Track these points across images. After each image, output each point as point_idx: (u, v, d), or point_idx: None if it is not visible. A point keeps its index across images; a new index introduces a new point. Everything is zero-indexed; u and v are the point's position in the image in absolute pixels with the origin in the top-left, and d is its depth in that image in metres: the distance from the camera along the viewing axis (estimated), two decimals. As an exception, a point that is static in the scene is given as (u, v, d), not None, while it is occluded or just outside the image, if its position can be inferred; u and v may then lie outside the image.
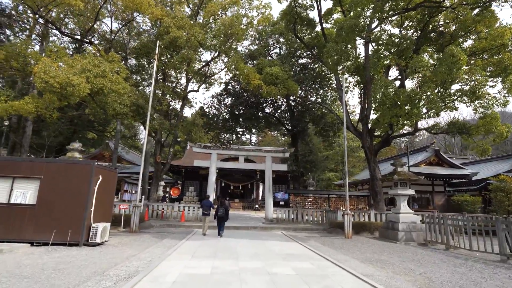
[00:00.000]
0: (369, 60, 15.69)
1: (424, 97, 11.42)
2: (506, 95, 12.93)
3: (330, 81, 22.15)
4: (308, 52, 20.67)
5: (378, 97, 11.83)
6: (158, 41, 13.41)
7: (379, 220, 15.84)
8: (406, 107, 11.92)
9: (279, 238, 12.12)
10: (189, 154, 39.12)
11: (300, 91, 20.24)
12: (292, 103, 22.98)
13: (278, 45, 23.33)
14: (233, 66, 15.96)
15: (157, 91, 15.89)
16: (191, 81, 19.52)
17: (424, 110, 13.28)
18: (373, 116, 17.29)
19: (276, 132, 59.92)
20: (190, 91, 18.75)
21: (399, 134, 17.80)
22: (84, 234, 8.73)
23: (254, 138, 60.20)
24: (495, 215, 15.69)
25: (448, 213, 17.60)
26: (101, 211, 9.59)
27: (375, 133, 18.28)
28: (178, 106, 20.04)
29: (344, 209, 17.58)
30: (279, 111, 23.75)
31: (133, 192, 19.00)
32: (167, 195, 33.69)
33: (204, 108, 22.84)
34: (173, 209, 16.83)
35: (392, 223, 13.20)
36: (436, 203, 22.33)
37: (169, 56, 16.25)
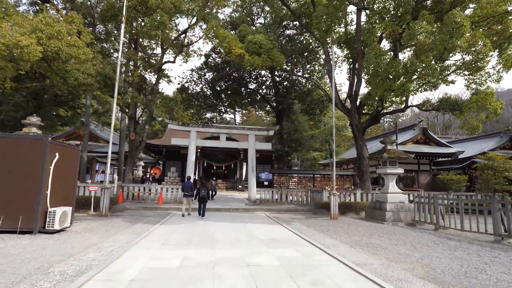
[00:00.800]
0: (361, 30, 14.59)
1: (419, 69, 10.56)
2: (501, 70, 12.33)
3: (318, 55, 20.96)
4: (296, 22, 19.28)
5: (371, 68, 10.88)
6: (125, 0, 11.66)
7: (365, 200, 15.48)
8: (401, 80, 11.09)
9: (262, 221, 11.40)
10: (170, 133, 37.47)
11: (285, 65, 19.01)
12: (278, 79, 21.76)
13: (263, 14, 21.69)
14: (212, 33, 14.41)
15: (128, 62, 14.22)
16: (167, 52, 17.80)
17: (416, 85, 12.53)
18: (363, 91, 16.49)
19: (261, 112, 58.67)
20: (165, 62, 17.07)
21: (388, 112, 17.18)
22: (39, 220, 7.55)
23: (238, 118, 58.81)
24: (481, 194, 15.72)
25: (434, 192, 17.52)
26: (60, 193, 8.39)
27: (364, 111, 17.57)
28: (153, 79, 18.38)
29: (329, 189, 17.24)
30: (263, 87, 22.50)
31: (109, 172, 17.61)
32: (149, 176, 32.43)
33: (183, 83, 21.26)
34: (150, 190, 15.73)
35: (380, 203, 12.76)
36: (422, 182, 22.38)
37: (140, 20, 14.44)
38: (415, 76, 11.18)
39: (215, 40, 15.09)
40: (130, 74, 14.30)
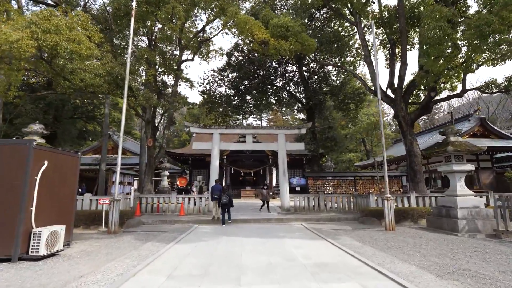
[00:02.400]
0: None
1: (498, 29, 7.92)
2: None
3: (349, 45, 18.54)
4: (323, 11, 17.19)
5: (430, 34, 8.44)
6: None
7: (421, 205, 12.71)
8: (468, 49, 8.52)
9: (301, 235, 9.21)
10: (195, 141, 36.64)
11: (315, 54, 16.90)
12: (306, 74, 19.61)
13: (286, 7, 19.81)
14: (231, 22, 12.74)
15: (141, 59, 12.94)
16: (185, 52, 16.48)
17: (489, 54, 9.79)
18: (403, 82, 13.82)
19: (287, 116, 56.42)
20: (184, 61, 15.72)
21: (441, 98, 14.29)
22: (21, 243, 6.06)
23: (264, 123, 57.11)
24: None
25: (502, 193, 14.24)
26: (50, 210, 6.91)
27: (410, 101, 14.86)
28: (172, 82, 17.09)
29: (377, 193, 14.51)
30: (291, 84, 20.45)
31: (127, 183, 16.49)
32: (175, 186, 31.45)
33: (204, 84, 19.85)
34: (170, 201, 14.17)
35: (447, 209, 10.05)
36: (483, 182, 18.80)
37: (153, 16, 13.11)
38: (489, 41, 8.52)
39: (235, 30, 13.43)
40: (143, 73, 13.04)
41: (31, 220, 6.28)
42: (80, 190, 20.45)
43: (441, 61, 9.02)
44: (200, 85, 19.74)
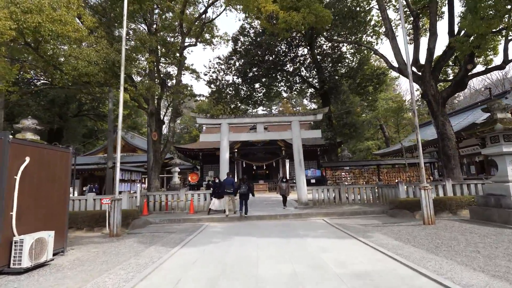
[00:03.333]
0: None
1: None
2: None
3: (366, 21, 16.87)
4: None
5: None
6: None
7: (458, 194, 11.27)
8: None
9: (325, 232, 8.02)
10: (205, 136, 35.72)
11: (328, 33, 15.40)
12: (319, 57, 18.12)
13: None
14: (235, -1, 11.46)
15: (139, 46, 11.84)
16: (189, 37, 15.32)
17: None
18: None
19: (298, 108, 54.62)
20: (187, 46, 14.59)
21: (479, 72, 12.57)
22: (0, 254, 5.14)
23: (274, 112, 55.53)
24: None
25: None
26: (36, 214, 5.98)
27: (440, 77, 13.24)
28: (175, 71, 16.00)
29: (405, 181, 12.99)
30: (302, 68, 19.00)
31: (133, 180, 15.66)
32: (187, 182, 30.75)
33: (210, 73, 18.69)
34: (179, 198, 13.22)
35: (497, 198, 8.62)
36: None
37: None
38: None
39: (239, 7, 12.13)
40: (144, 61, 11.96)
41: (11, 226, 5.34)
42: (93, 190, 19.95)
43: (488, 21, 7.51)
44: (205, 74, 18.61)
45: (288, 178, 12.34)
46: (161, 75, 15.76)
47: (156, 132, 12.99)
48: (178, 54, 13.91)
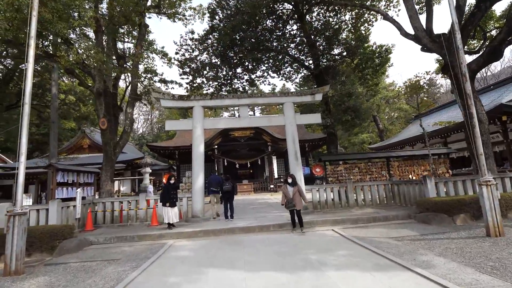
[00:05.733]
0: None
1: None
2: None
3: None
4: None
5: None
6: None
7: (501, 190, 8.78)
8: None
9: (350, 256, 5.12)
10: (182, 132, 32.19)
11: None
12: (311, 32, 15.31)
13: None
14: None
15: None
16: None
17: None
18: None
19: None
20: (150, 7, 11.29)
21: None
22: None
23: (258, 112, 52.63)
24: None
25: None
26: None
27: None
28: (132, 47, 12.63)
29: (421, 175, 10.14)
30: (291, 46, 16.15)
31: (85, 184, 12.05)
32: (162, 185, 27.30)
33: (182, 51, 15.38)
34: (138, 205, 9.94)
35: None
36: None
37: None
38: None
39: None
40: (81, 16, 8.59)
41: None
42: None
43: None
44: (176, 53, 15.31)
45: (292, 175, 8.05)
46: (118, 50, 12.42)
47: (105, 119, 9.64)
48: (137, 19, 10.58)
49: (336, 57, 15.58)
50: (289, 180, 7.74)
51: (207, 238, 7.62)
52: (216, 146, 23.39)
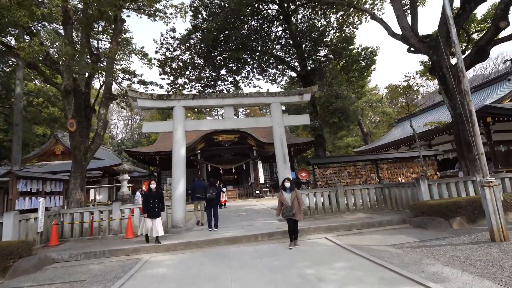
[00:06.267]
0: None
1: None
2: None
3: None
4: None
5: None
6: None
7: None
8: None
9: (350, 269, 4.53)
10: (163, 137, 31.00)
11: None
12: (297, 33, 14.99)
13: None
14: None
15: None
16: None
17: None
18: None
19: (266, 111, 51.65)
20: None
21: (506, 37, 10.11)
22: None
23: (242, 116, 52.01)
24: None
25: None
26: None
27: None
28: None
29: (408, 178, 9.64)
30: (277, 47, 15.75)
31: (47, 191, 10.87)
32: (140, 191, 25.99)
33: (163, 50, 14.57)
34: (111, 216, 8.98)
35: None
36: None
37: None
38: None
39: None
40: (45, 4, 7.66)
41: None
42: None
43: None
44: (157, 52, 14.49)
45: (291, 180, 6.84)
46: (91, 48, 11.48)
47: (74, 120, 8.65)
48: (111, 12, 9.72)
49: (322, 58, 15.33)
50: (287, 185, 6.54)
51: (189, 251, 6.84)
52: (199, 151, 22.52)
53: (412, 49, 10.95)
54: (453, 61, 9.68)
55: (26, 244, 6.59)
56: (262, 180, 24.76)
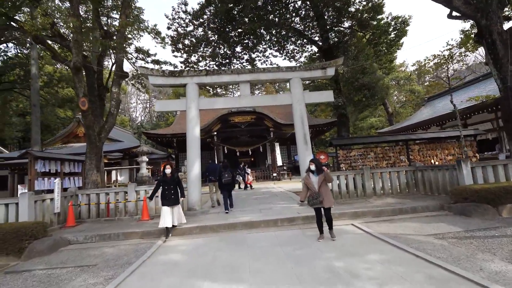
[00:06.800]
0: None
1: None
2: None
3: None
4: None
5: None
6: None
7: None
8: None
9: (389, 263, 3.89)
10: (180, 119, 30.85)
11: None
12: (318, 2, 13.68)
13: None
14: None
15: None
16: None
17: None
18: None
19: (283, 91, 50.00)
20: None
21: None
22: None
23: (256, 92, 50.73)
24: None
25: None
26: None
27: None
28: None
29: (442, 161, 8.62)
30: (296, 19, 14.53)
31: (66, 172, 10.83)
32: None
33: (175, 26, 13.84)
34: (127, 197, 8.76)
35: None
36: None
37: None
38: None
39: None
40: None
41: None
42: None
43: None
44: (169, 28, 13.80)
45: (318, 162, 5.69)
46: (101, 23, 10.96)
47: (86, 99, 8.31)
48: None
49: (347, 30, 14.01)
50: (312, 167, 5.53)
51: (205, 235, 6.44)
52: (215, 133, 22.10)
53: (454, 14, 9.59)
54: (506, 26, 8.39)
55: (42, 225, 6.42)
56: (279, 163, 24.14)
